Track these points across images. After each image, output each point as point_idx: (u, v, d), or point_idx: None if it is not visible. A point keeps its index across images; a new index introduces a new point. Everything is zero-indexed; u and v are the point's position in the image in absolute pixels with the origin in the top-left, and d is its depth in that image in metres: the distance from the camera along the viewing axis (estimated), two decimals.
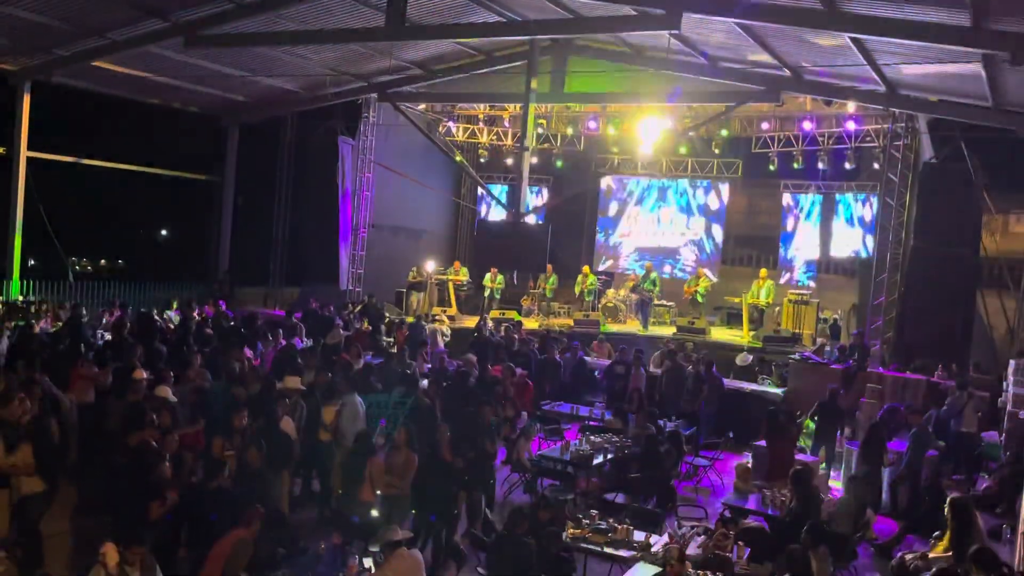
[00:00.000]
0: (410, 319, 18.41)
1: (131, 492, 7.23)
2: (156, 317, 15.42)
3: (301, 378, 10.41)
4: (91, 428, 9.13)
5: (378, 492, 8.38)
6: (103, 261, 34.96)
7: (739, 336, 18.78)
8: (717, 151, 21.24)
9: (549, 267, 20.18)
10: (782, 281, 21.33)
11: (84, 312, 15.31)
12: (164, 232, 37.70)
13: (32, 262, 21.11)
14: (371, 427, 7.66)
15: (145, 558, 6.17)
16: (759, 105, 18.99)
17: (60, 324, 14.58)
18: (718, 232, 23.03)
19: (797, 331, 18.20)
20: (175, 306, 17.99)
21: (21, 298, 16.96)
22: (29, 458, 7.57)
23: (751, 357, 16.13)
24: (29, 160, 17.76)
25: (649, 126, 18.93)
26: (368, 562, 6.86)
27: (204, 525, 7.18)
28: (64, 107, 19.59)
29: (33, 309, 15.92)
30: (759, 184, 22.47)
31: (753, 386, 15.16)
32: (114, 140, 21.65)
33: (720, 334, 19.28)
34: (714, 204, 23.11)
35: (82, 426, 9.31)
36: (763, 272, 19.46)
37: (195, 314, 16.12)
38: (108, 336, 13.92)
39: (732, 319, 20.23)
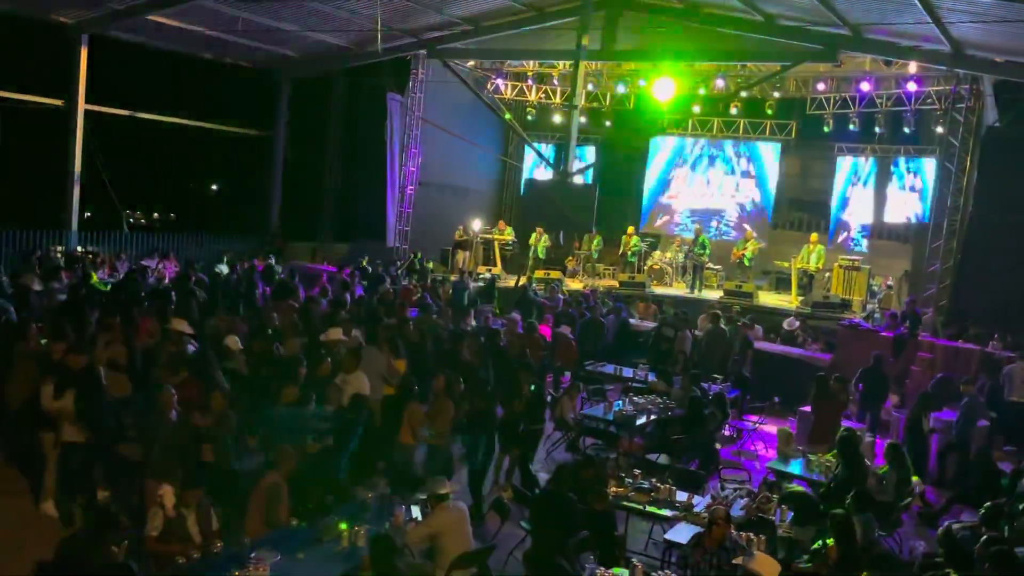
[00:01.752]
0: (453, 277, 18.50)
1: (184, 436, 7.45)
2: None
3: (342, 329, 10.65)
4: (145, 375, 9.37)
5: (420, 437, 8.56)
6: (156, 214, 35.64)
7: (787, 301, 18.55)
8: (770, 112, 20.80)
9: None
10: (833, 246, 20.95)
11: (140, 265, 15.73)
12: (215, 186, 38.23)
13: (88, 214, 21.57)
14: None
15: (201, 500, 6.38)
16: (815, 65, 18.49)
17: (117, 274, 14.99)
18: (769, 195, 22.63)
19: (847, 297, 17.89)
20: (226, 259, 18.33)
21: (80, 249, 17.41)
22: (71, 405, 7.68)
23: (797, 322, 15.92)
24: (86, 113, 18.10)
25: (667, 85, 18.54)
26: (415, 511, 7.01)
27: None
28: (120, 61, 19.82)
29: (90, 260, 16.37)
30: (812, 146, 22.01)
31: (799, 351, 14.98)
32: (168, 94, 21.87)
33: (768, 299, 19.06)
34: (765, 167, 22.68)
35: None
36: (814, 237, 19.13)
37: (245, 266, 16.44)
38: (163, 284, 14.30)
39: (781, 284, 19.97)
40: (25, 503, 7.91)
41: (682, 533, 7.23)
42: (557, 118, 23.36)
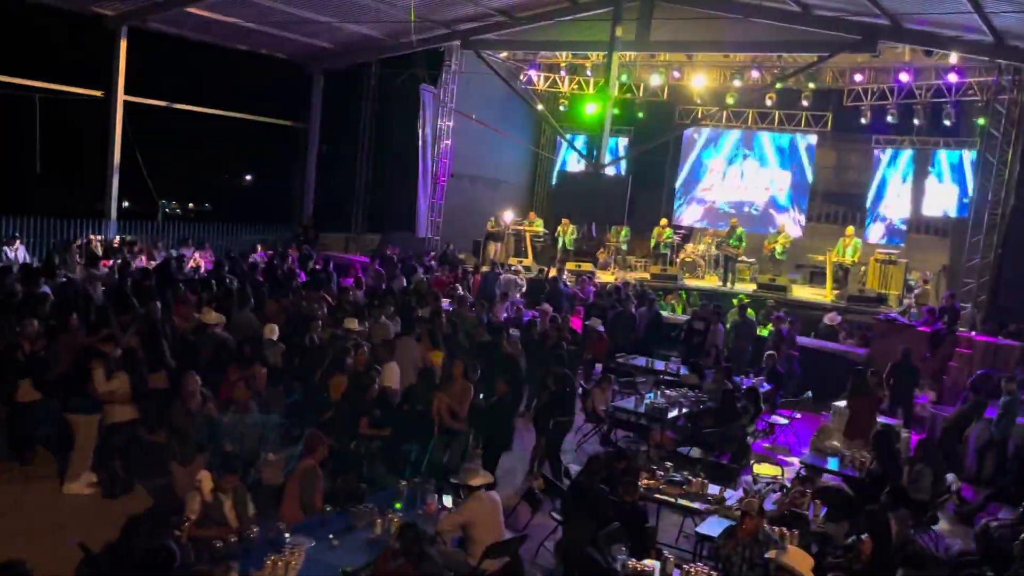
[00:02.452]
0: (484, 268, 18.53)
1: None
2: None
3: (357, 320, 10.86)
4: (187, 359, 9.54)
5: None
6: (191, 204, 36.12)
7: (822, 295, 18.35)
8: (806, 103, 20.52)
9: None
10: (869, 239, 20.66)
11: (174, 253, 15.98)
12: (249, 177, 38.63)
13: (125, 203, 21.92)
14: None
15: (238, 486, 6.48)
16: (853, 56, 18.20)
17: (153, 263, 15.24)
18: (803, 188, 22.37)
19: (883, 291, 17.65)
20: (260, 249, 18.54)
21: (119, 238, 17.70)
22: (126, 386, 8.06)
23: (839, 317, 15.74)
24: (125, 104, 18.36)
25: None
26: (447, 500, 7.06)
27: None
28: (158, 53, 20.10)
29: (127, 249, 16.64)
30: (849, 138, 21.69)
31: (834, 346, 14.82)
32: (204, 86, 22.14)
33: (802, 292, 18.87)
34: (800, 159, 22.41)
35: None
36: (849, 230, 18.89)
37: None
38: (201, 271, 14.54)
39: (815, 277, 19.76)
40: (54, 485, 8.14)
41: (714, 526, 7.21)
42: (590, 109, 23.25)
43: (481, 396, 9.41)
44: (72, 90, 18.04)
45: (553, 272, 18.19)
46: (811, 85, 19.94)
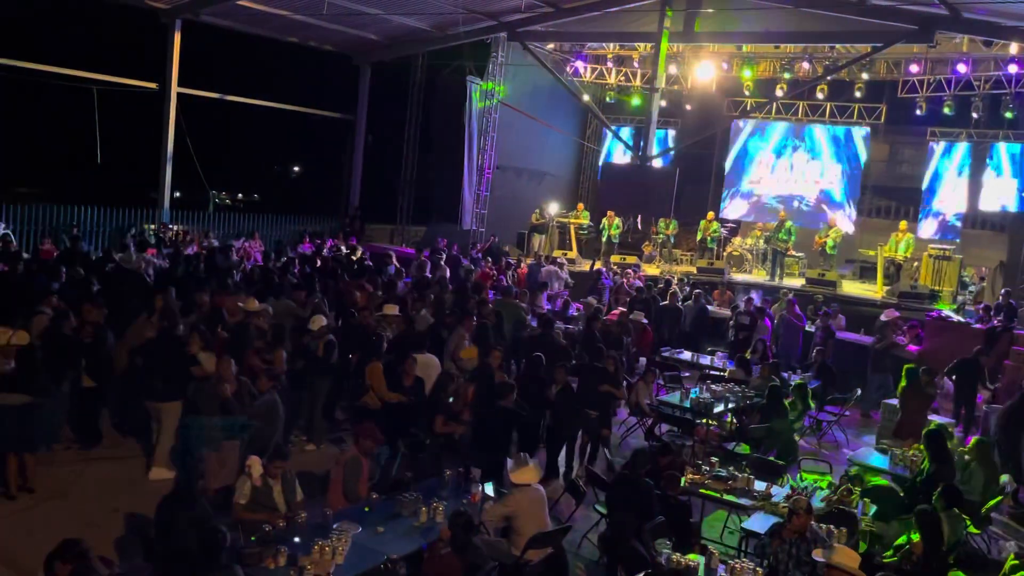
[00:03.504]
0: (528, 260, 18.52)
1: None
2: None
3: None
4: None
5: None
6: (240, 195, 36.70)
7: (872, 290, 17.98)
8: (859, 94, 20.11)
9: None
10: (922, 235, 20.20)
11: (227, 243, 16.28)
12: (297, 168, 39.12)
13: (177, 193, 22.40)
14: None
15: (287, 472, 6.58)
16: (908, 46, 17.79)
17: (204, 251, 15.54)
18: (855, 181, 21.93)
19: (937, 288, 17.23)
20: (307, 239, 18.79)
21: (173, 227, 18.09)
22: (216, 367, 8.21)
23: (896, 314, 15.41)
24: (178, 96, 18.71)
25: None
26: (490, 491, 7.09)
27: None
28: (210, 45, 20.45)
29: (179, 238, 17.02)
30: (903, 131, 21.23)
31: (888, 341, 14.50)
32: (254, 78, 22.49)
33: (852, 288, 18.50)
34: (852, 151, 21.98)
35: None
36: (902, 224, 18.48)
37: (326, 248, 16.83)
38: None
39: (865, 273, 19.37)
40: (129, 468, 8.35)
41: (760, 523, 7.14)
42: (636, 101, 23.10)
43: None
44: (128, 82, 18.45)
45: (599, 264, 18.12)
46: (864, 76, 19.53)
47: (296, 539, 5.83)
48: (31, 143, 25.53)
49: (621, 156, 24.38)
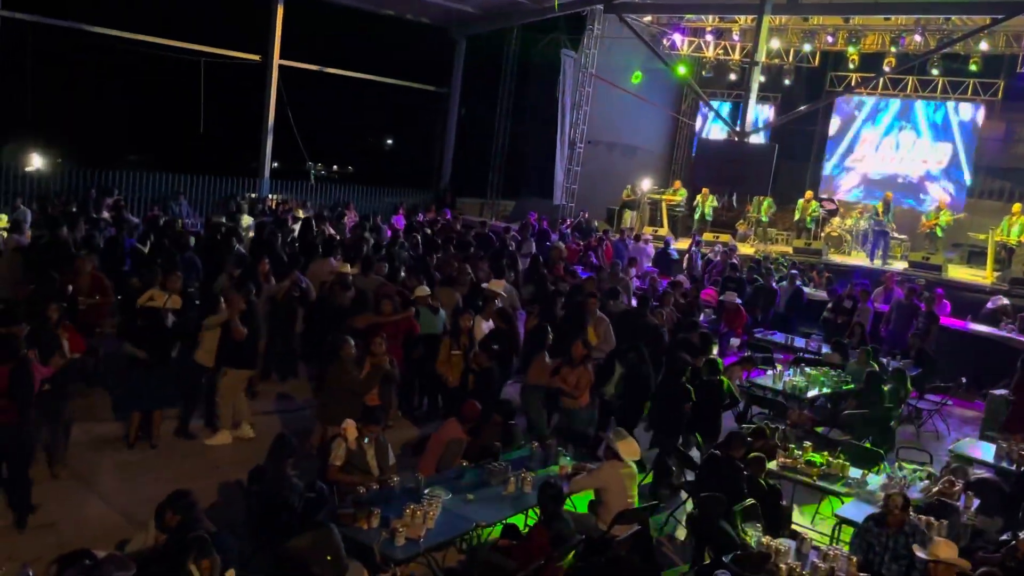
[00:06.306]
0: (615, 236, 18.32)
1: None
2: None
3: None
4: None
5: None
6: (335, 166, 37.46)
7: (981, 276, 17.13)
8: (974, 68, 19.05)
9: None
10: None
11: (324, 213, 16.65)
12: (390, 141, 39.64)
13: (275, 164, 23.10)
14: None
15: (379, 436, 6.76)
16: None
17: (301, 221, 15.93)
18: (966, 161, 20.86)
19: None
20: (400, 211, 19.07)
21: (272, 197, 18.65)
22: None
23: (1005, 301, 14.68)
24: (280, 68, 19.20)
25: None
26: (569, 463, 7.13)
27: None
28: (311, 18, 20.87)
29: (280, 208, 17.52)
30: (1021, 108, 20.01)
31: (991, 330, 13.84)
32: (351, 50, 22.83)
33: (958, 273, 17.65)
34: (964, 130, 20.90)
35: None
36: (1016, 207, 17.43)
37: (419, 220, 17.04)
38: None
39: (973, 257, 18.48)
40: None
41: (853, 510, 6.95)
42: (734, 75, 22.49)
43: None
44: (233, 54, 19.01)
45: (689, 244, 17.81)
46: (981, 49, 18.48)
47: (389, 502, 6.00)
48: (140, 113, 26.63)
49: (718, 132, 23.82)
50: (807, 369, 10.83)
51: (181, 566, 4.72)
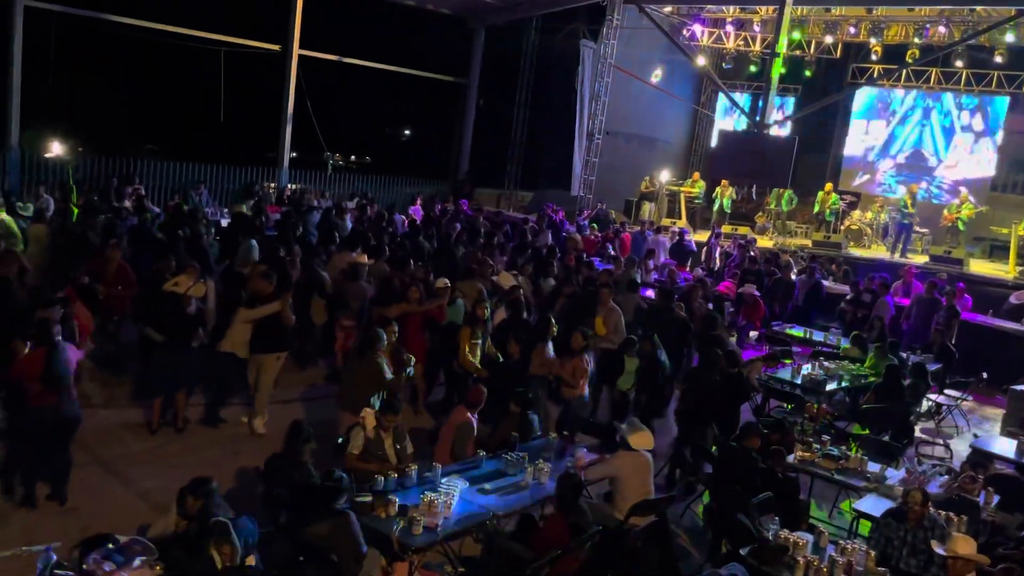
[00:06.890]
0: (634, 228, 18.26)
1: None
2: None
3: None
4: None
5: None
6: (352, 156, 37.51)
7: (1003, 271, 16.96)
8: (1000, 60, 18.79)
9: None
10: None
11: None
12: (408, 131, 39.62)
13: (294, 154, 23.15)
14: None
15: (398, 425, 6.79)
16: None
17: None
18: (989, 154, 20.61)
19: None
20: (418, 202, 19.09)
21: (291, 186, 18.71)
22: None
23: None
24: (299, 58, 19.22)
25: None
26: (584, 453, 7.14)
27: None
28: (330, 8, 20.87)
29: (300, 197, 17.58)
30: None
31: (1016, 326, 13.71)
32: (370, 40, 22.79)
33: (980, 267, 17.50)
34: (987, 122, 20.64)
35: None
36: None
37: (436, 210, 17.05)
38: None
39: (996, 251, 18.30)
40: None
41: (871, 505, 6.93)
42: (754, 67, 22.32)
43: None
44: (253, 44, 19.05)
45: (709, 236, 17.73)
46: (1006, 40, 18.23)
47: (406, 490, 6.03)
48: (159, 102, 26.75)
49: (737, 124, 23.66)
50: (826, 363, 10.77)
51: (202, 551, 4.78)
